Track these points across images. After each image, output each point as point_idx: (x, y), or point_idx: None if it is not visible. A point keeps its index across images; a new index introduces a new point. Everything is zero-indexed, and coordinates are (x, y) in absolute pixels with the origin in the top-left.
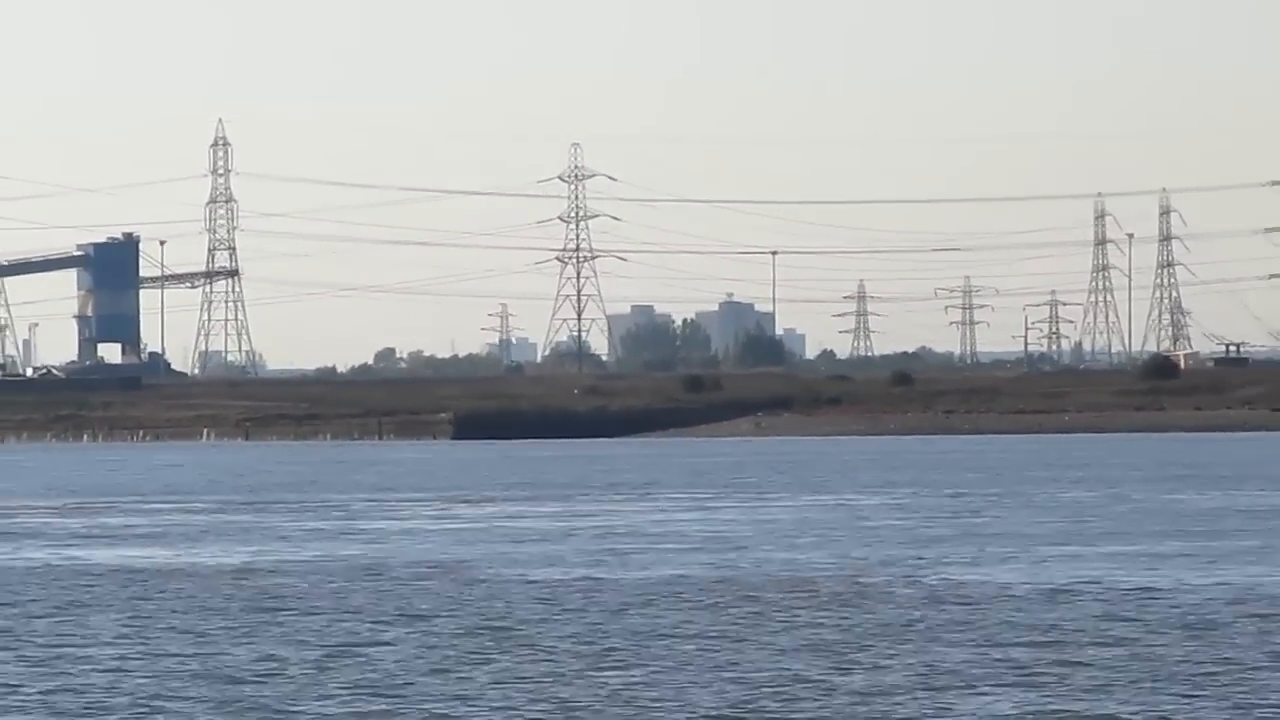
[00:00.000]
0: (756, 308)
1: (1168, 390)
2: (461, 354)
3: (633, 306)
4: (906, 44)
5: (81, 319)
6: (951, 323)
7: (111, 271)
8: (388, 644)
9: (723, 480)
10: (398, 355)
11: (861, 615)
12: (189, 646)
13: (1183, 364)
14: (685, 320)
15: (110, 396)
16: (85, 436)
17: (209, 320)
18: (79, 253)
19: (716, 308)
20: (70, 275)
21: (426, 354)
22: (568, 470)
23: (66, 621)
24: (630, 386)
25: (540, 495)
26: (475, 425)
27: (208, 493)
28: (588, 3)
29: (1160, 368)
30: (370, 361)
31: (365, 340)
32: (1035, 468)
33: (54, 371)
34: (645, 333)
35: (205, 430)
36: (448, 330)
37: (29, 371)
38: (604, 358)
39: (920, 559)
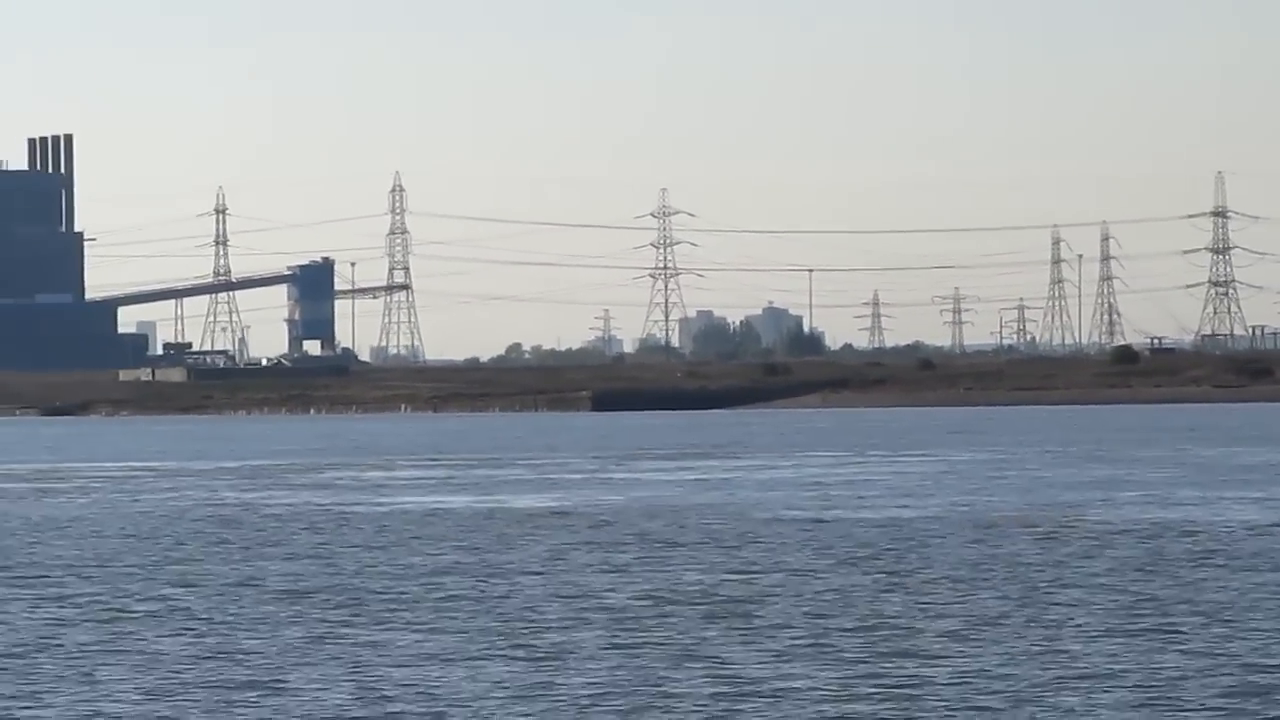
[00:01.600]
0: (791, 311)
1: (1133, 373)
2: (574, 348)
3: (698, 311)
4: (918, 112)
5: (290, 322)
6: (945, 322)
7: (313, 286)
8: (818, 574)
9: (846, 443)
10: (524, 349)
11: (1130, 546)
12: (622, 577)
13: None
14: (740, 321)
15: (327, 380)
16: (311, 410)
17: (389, 322)
18: (289, 272)
19: (760, 312)
20: (282, 289)
21: (545, 348)
22: (715, 435)
23: (499, 551)
24: (719, 371)
25: (724, 454)
26: (609, 400)
27: (452, 452)
28: (678, 82)
29: (1126, 355)
30: (503, 353)
31: (500, 337)
32: (1080, 432)
33: (283, 361)
34: (711, 331)
35: (402, 405)
36: (560, 329)
37: (264, 361)
38: (682, 350)
39: (1099, 500)
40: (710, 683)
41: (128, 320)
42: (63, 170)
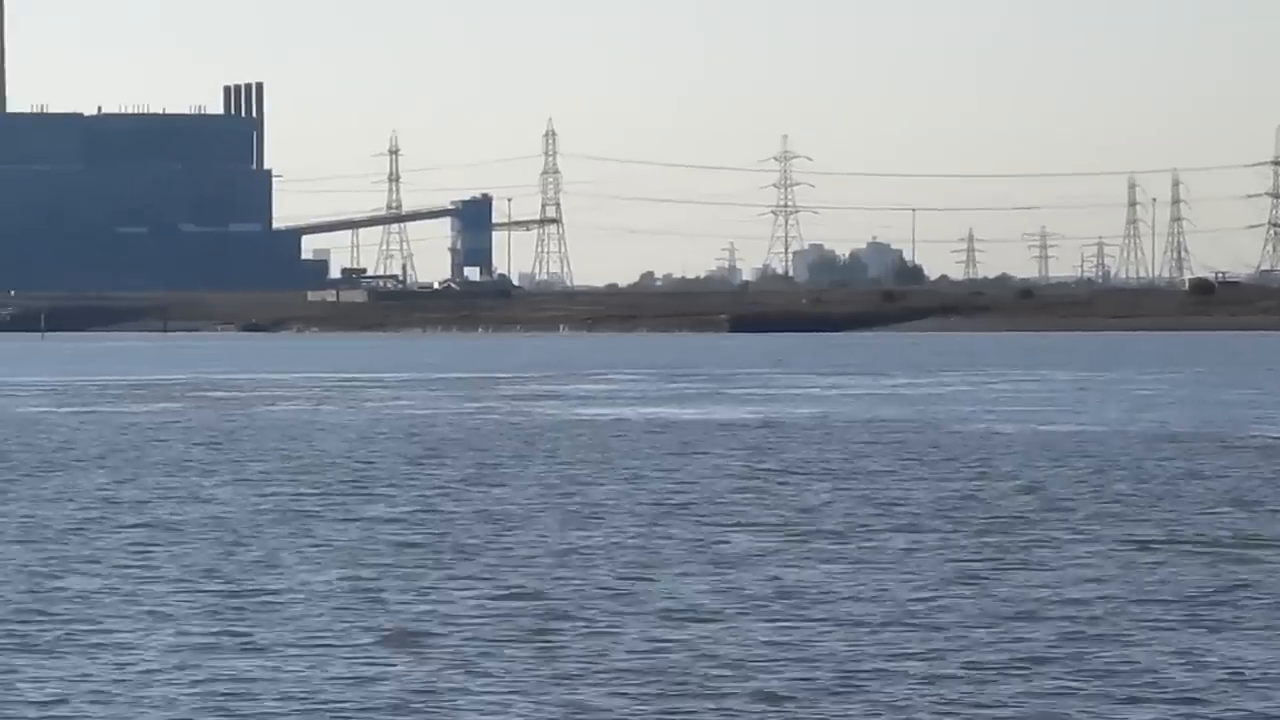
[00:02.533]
0: (892, 246)
1: (1210, 303)
2: (699, 276)
3: (810, 244)
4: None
5: (453, 251)
6: (1032, 257)
7: (474, 219)
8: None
9: (982, 363)
10: (655, 277)
11: None
12: (910, 485)
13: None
14: (848, 254)
15: (491, 302)
16: (478, 329)
17: (541, 252)
18: (452, 207)
19: (865, 246)
20: (446, 222)
21: (675, 276)
22: (859, 355)
23: (800, 475)
24: (840, 297)
25: (883, 371)
26: (744, 323)
27: (630, 368)
28: (794, 34)
29: (1202, 286)
30: (637, 280)
31: (634, 266)
32: (1207, 357)
33: (452, 285)
34: (822, 263)
35: (560, 325)
36: (686, 260)
37: (435, 285)
38: (797, 279)
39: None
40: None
41: (308, 248)
42: (254, 114)
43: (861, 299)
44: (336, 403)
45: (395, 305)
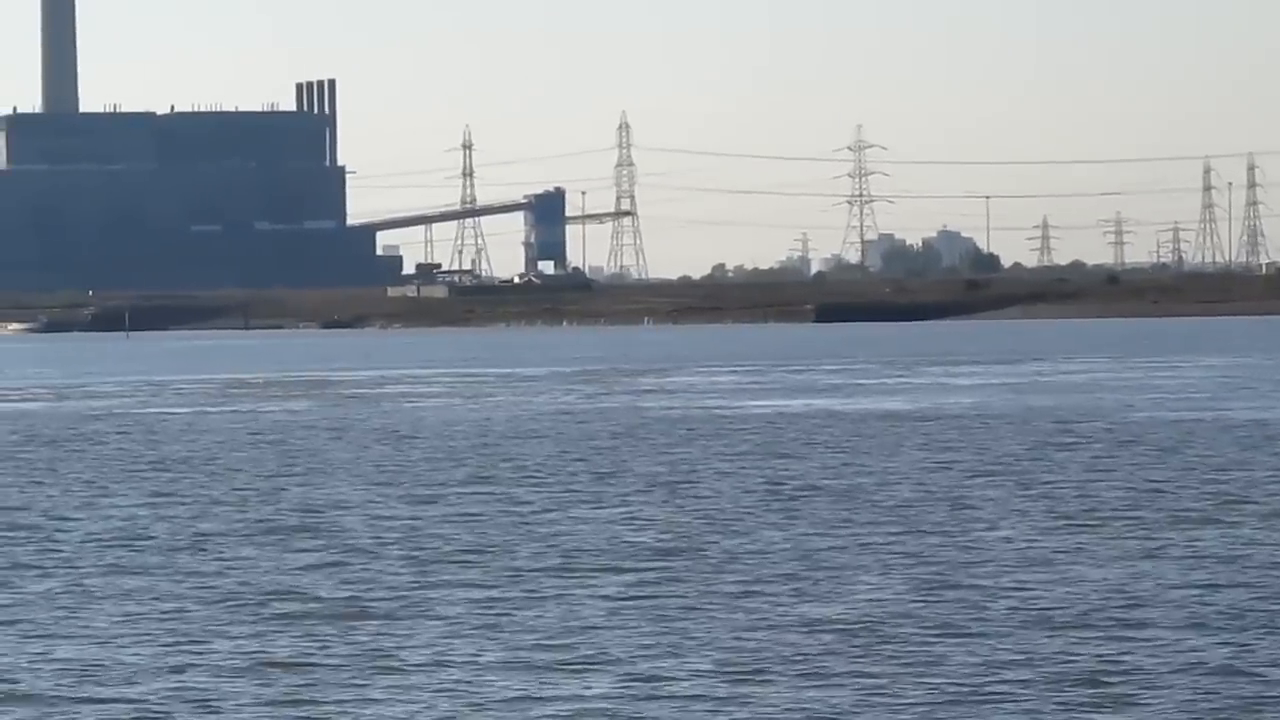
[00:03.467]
0: (963, 234)
1: None
2: (768, 267)
3: (880, 234)
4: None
5: (527, 245)
6: (1108, 243)
7: (547, 213)
8: None
9: (1103, 351)
10: (726, 268)
11: None
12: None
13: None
14: (921, 242)
15: (573, 295)
16: (563, 323)
17: (616, 245)
18: (525, 201)
19: (936, 234)
20: (519, 216)
21: (748, 267)
22: (959, 343)
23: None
24: (922, 286)
25: (1001, 360)
26: (830, 312)
27: (740, 360)
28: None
29: None
30: (709, 272)
31: (705, 257)
32: None
33: (533, 279)
34: (896, 252)
35: (645, 318)
36: (753, 251)
37: (515, 279)
38: (870, 269)
39: None
40: None
41: (380, 244)
42: (327, 111)
43: (945, 287)
44: (483, 398)
45: (477, 300)
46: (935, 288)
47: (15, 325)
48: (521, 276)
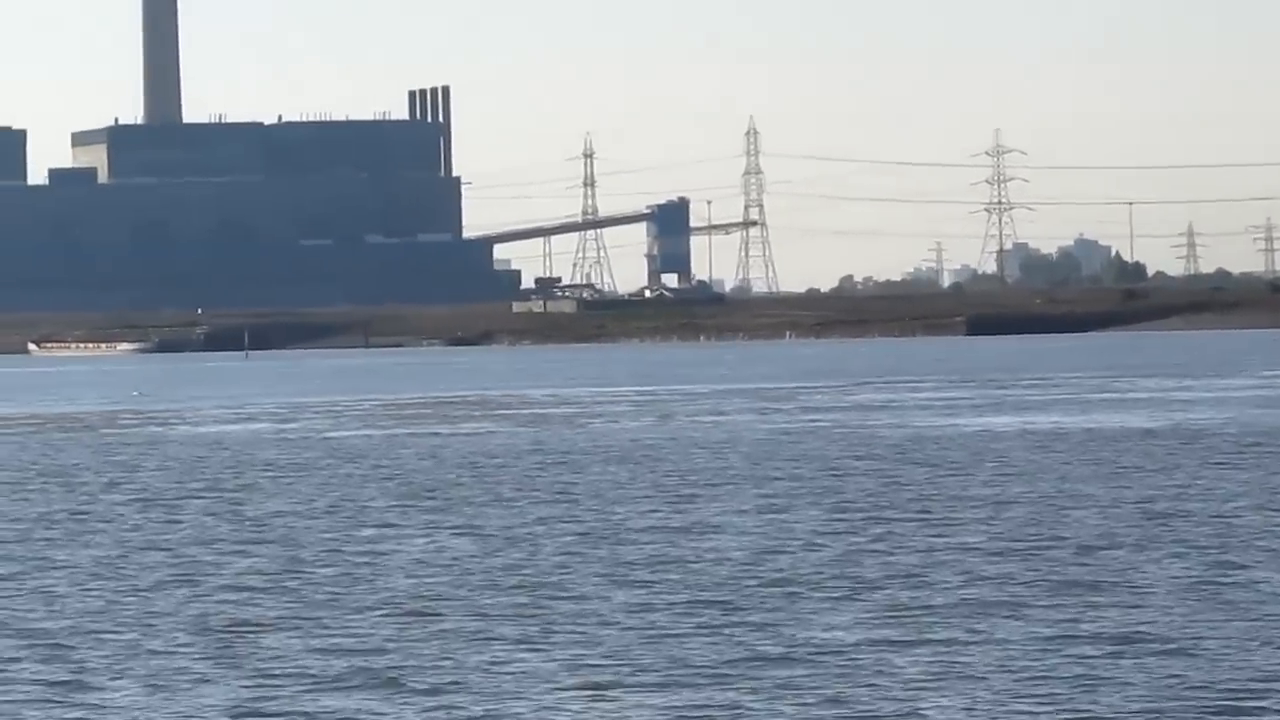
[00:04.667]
0: (1100, 242)
1: None
2: (896, 279)
3: (1014, 243)
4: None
5: (650, 257)
6: (1258, 250)
7: (670, 223)
8: None
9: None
10: (855, 280)
11: None
12: None
13: None
14: (1057, 251)
15: (710, 310)
16: (700, 338)
17: (744, 257)
18: (647, 211)
19: (1072, 243)
20: (641, 228)
21: (878, 278)
22: (1149, 355)
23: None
24: (1077, 296)
25: (1213, 373)
26: (983, 324)
27: (929, 374)
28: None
29: None
30: (837, 284)
31: (829, 268)
32: None
33: (664, 293)
34: (1033, 262)
35: (787, 332)
36: (881, 262)
37: (646, 293)
38: (1007, 279)
39: None
40: None
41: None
42: (441, 119)
43: (1101, 297)
44: (686, 416)
45: (609, 315)
46: (1090, 298)
47: (126, 345)
48: (651, 290)
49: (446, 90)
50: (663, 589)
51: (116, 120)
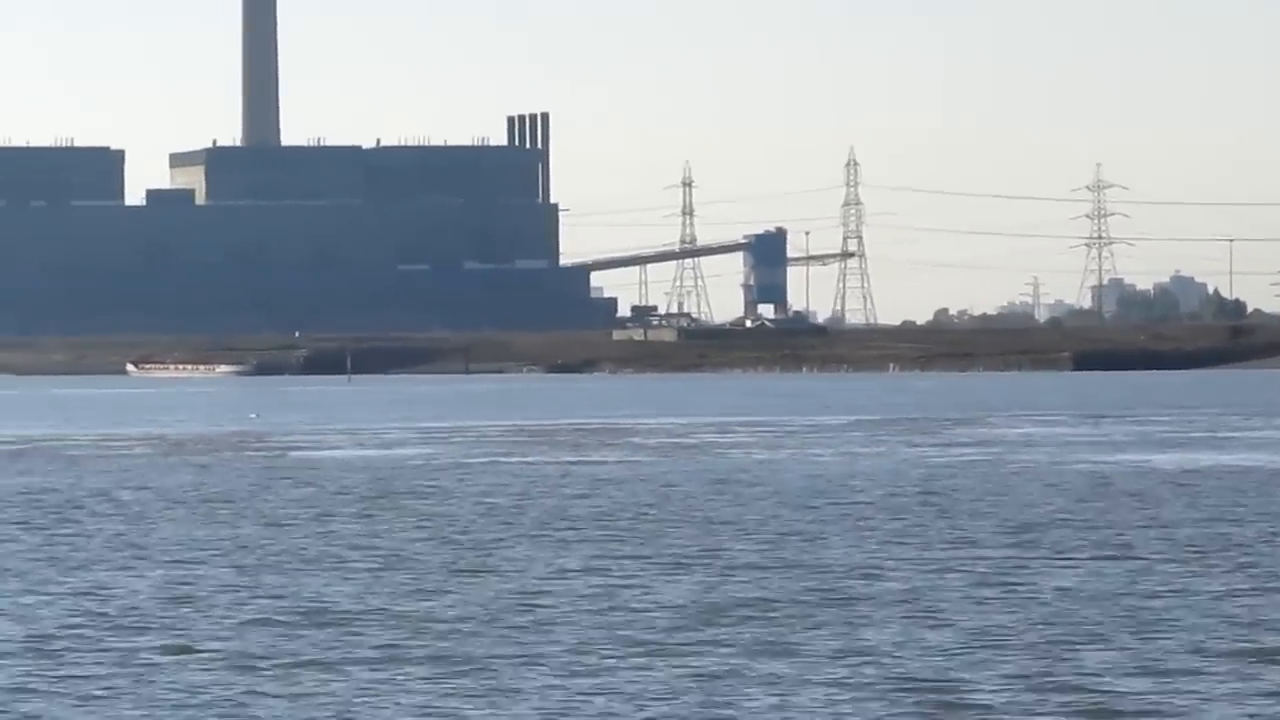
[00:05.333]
0: (1196, 279)
1: None
2: (990, 313)
3: (1110, 279)
4: None
5: (746, 287)
6: None
7: (767, 253)
8: None
9: None
10: (951, 313)
11: None
12: None
13: None
14: (1154, 288)
15: (813, 341)
16: (802, 369)
17: (843, 288)
18: (744, 240)
19: (1168, 280)
20: (738, 257)
21: (974, 313)
22: (1261, 393)
23: None
24: (1183, 333)
25: None
26: (1088, 360)
27: (1040, 410)
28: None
29: None
30: (932, 317)
31: (924, 300)
32: None
33: (765, 323)
34: (1131, 298)
35: (890, 365)
36: (976, 295)
37: (748, 323)
38: (1105, 315)
39: None
40: None
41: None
42: (539, 145)
43: (1207, 334)
44: (823, 449)
45: (710, 344)
46: (1197, 334)
47: (225, 367)
48: (751, 320)
49: (545, 117)
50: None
51: (215, 142)
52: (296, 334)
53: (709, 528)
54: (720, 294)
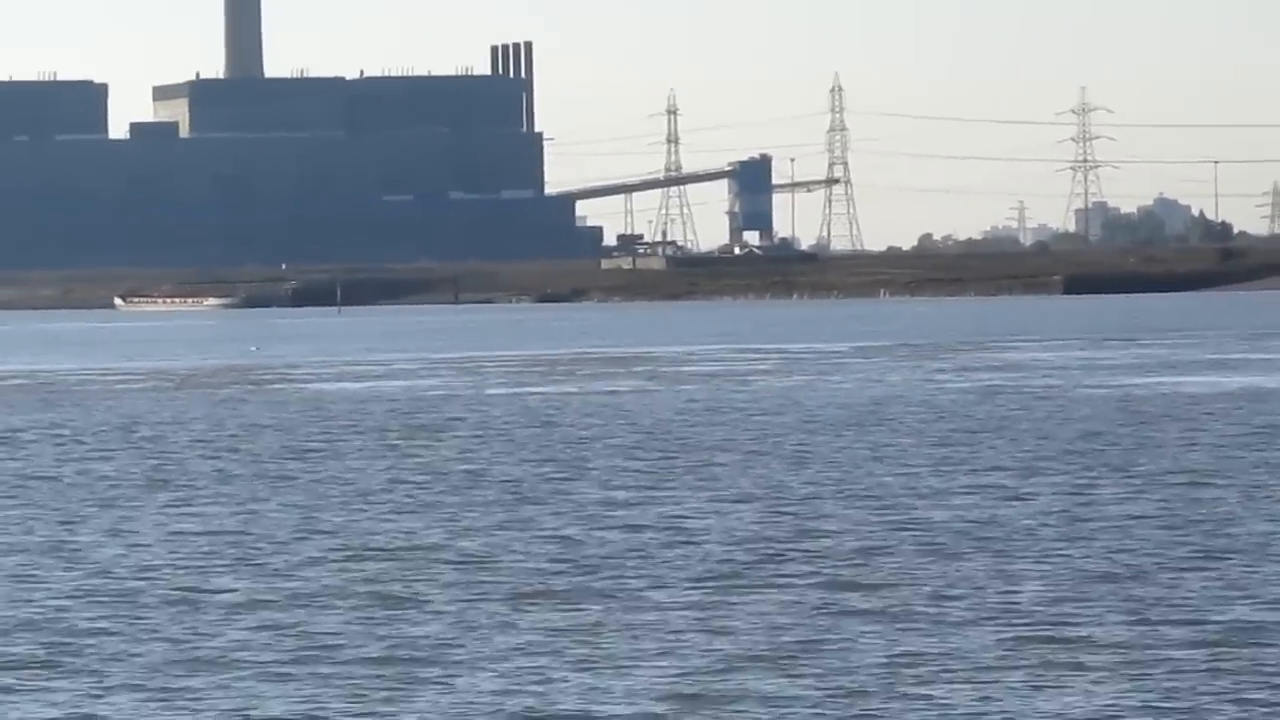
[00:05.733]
0: (1180, 202)
1: None
2: (975, 238)
3: (1094, 202)
4: None
5: (731, 214)
6: None
7: (752, 181)
8: None
9: None
10: (935, 238)
11: None
12: None
13: None
14: (1137, 211)
15: (804, 268)
16: (793, 296)
17: (828, 215)
18: (729, 168)
19: (1151, 203)
20: (722, 185)
21: (958, 238)
22: (1252, 318)
23: None
24: (1174, 256)
25: None
26: (1079, 283)
27: (1051, 335)
28: None
29: None
30: (915, 243)
31: (907, 226)
32: None
33: (754, 250)
34: (1115, 221)
35: (881, 290)
36: (960, 221)
37: (736, 250)
38: (1090, 239)
39: None
40: None
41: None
42: (523, 75)
43: (1197, 256)
44: (844, 374)
45: (700, 273)
46: (1187, 256)
47: (213, 300)
48: (741, 248)
49: (529, 46)
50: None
51: (198, 75)
52: (283, 266)
53: (773, 458)
54: (705, 222)
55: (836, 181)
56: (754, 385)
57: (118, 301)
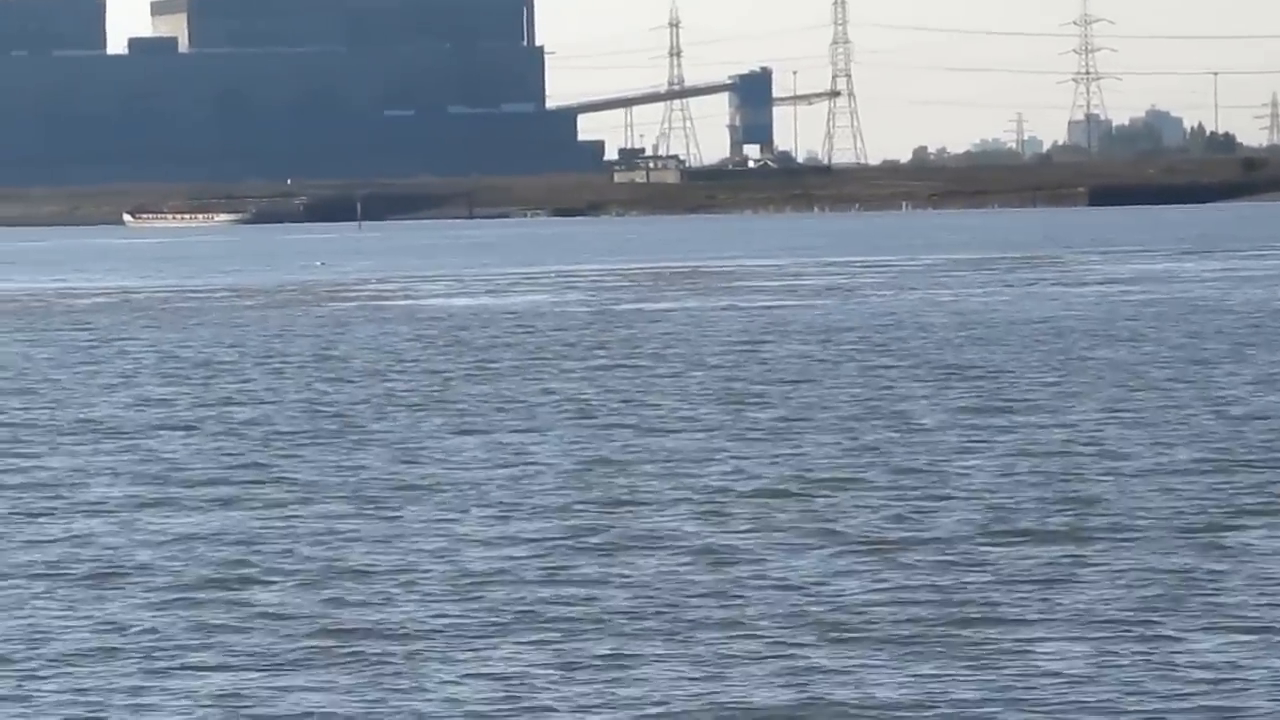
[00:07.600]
0: (1172, 114)
1: None
2: (975, 150)
3: (1087, 114)
4: None
5: (731, 128)
6: None
7: (753, 95)
8: None
9: None
10: (930, 151)
11: None
12: None
13: None
14: (1130, 121)
15: (822, 180)
16: (814, 209)
17: (833, 127)
18: (730, 81)
19: (1144, 114)
20: (723, 97)
21: (957, 150)
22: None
23: None
24: (1197, 167)
25: None
26: (1103, 195)
27: (1124, 246)
28: None
29: None
30: (910, 156)
31: (911, 139)
32: None
33: (768, 163)
34: (1118, 133)
35: (903, 203)
36: (956, 133)
37: (750, 163)
38: (1091, 150)
39: None
40: None
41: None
42: None
43: (1220, 168)
44: (937, 290)
45: (717, 186)
46: (1210, 168)
47: (224, 215)
48: (756, 160)
49: None
50: None
51: None
52: (289, 181)
53: (945, 369)
54: (706, 135)
55: (839, 94)
56: (934, 298)
57: (127, 218)
